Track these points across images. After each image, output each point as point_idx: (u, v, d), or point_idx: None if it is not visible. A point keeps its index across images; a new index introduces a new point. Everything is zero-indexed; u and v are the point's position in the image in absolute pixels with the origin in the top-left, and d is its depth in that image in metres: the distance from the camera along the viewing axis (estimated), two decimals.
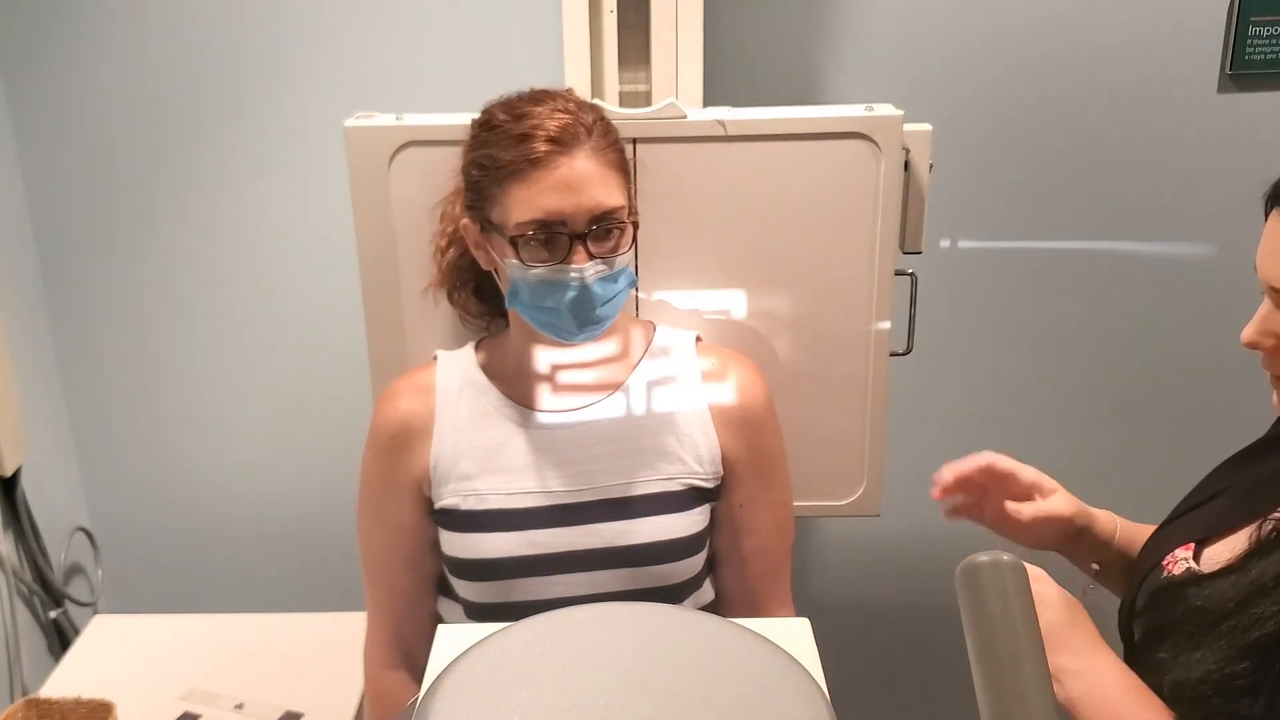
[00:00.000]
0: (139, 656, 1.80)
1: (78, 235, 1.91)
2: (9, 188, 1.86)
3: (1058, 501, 1.21)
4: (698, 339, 1.38)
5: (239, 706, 1.68)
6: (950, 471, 1.24)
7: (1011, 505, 1.22)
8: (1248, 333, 0.99)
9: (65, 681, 1.73)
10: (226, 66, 1.81)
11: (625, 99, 1.53)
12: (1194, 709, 0.93)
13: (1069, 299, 1.93)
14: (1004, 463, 1.23)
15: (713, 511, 1.35)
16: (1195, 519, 1.10)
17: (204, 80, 1.82)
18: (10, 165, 1.86)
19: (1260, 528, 0.97)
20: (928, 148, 1.44)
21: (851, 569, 2.11)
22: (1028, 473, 1.23)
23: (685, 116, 1.40)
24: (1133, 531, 1.23)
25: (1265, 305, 0.97)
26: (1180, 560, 1.06)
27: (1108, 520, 1.24)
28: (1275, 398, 1.00)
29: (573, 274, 1.19)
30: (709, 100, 1.53)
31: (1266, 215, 0.98)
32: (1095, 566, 1.23)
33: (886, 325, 1.47)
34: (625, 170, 1.26)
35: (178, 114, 1.84)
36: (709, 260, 1.45)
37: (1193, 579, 1.01)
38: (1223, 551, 1.02)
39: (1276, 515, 0.97)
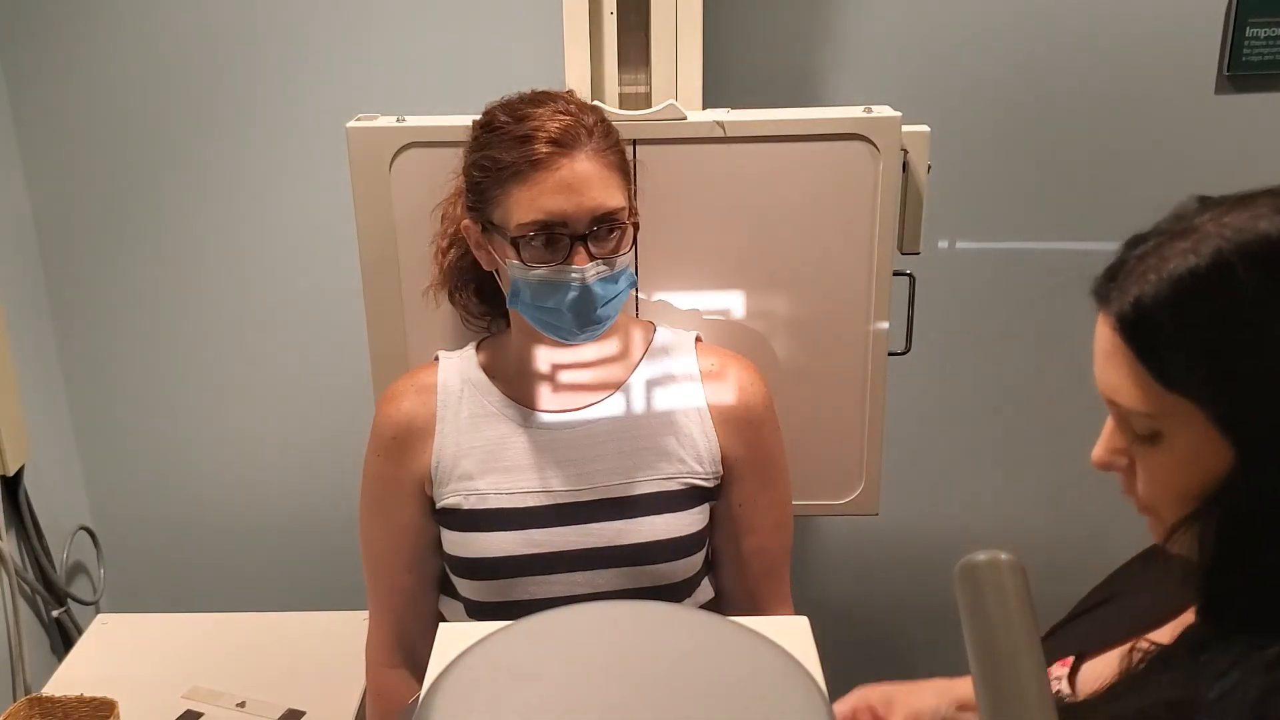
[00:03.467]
0: (141, 655, 1.80)
1: (80, 235, 1.92)
2: (11, 187, 1.87)
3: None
4: (698, 339, 1.38)
5: (241, 705, 1.68)
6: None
7: None
8: (1097, 453, 0.88)
9: (68, 680, 1.74)
10: (229, 68, 1.82)
11: (625, 100, 1.53)
12: None
13: (1066, 299, 1.93)
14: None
15: (712, 511, 1.35)
16: (1082, 628, 1.03)
17: (206, 82, 1.83)
18: (13, 165, 1.87)
19: (1131, 654, 0.88)
20: (926, 149, 1.44)
21: (850, 568, 2.12)
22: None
23: (685, 118, 1.40)
24: None
25: (1110, 421, 0.87)
26: (1053, 679, 0.97)
27: None
28: (1149, 523, 0.88)
29: (574, 274, 1.20)
30: (709, 101, 1.54)
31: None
32: None
33: (885, 325, 1.48)
34: (626, 171, 1.26)
35: (180, 115, 1.84)
36: (709, 261, 1.46)
37: (1060, 707, 0.88)
38: (1100, 670, 0.95)
39: (1146, 644, 0.89)
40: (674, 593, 1.32)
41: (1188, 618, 0.92)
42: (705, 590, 1.38)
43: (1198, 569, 0.81)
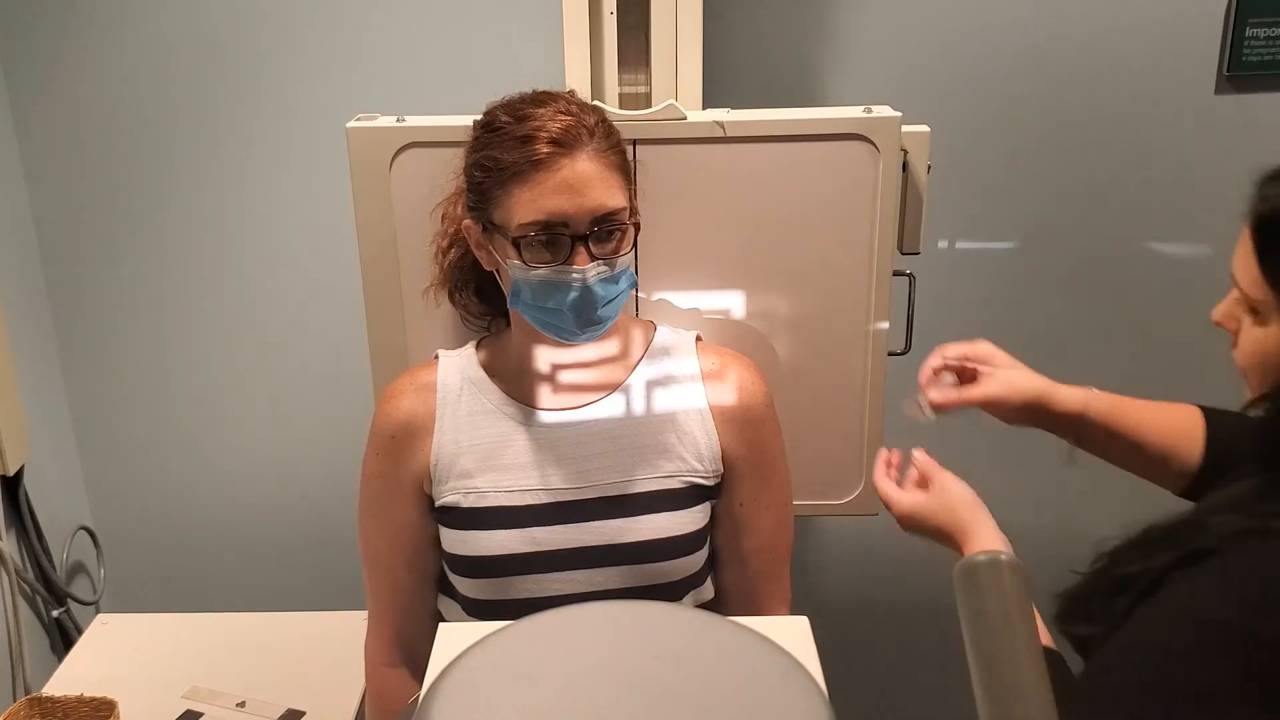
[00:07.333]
0: (141, 655, 1.80)
1: (80, 234, 1.92)
2: (12, 187, 1.87)
3: (989, 386, 1.29)
4: (698, 339, 1.39)
5: (241, 705, 1.68)
6: (924, 372, 1.33)
7: (944, 396, 1.31)
8: (1215, 312, 1.04)
9: (68, 680, 1.74)
10: (229, 68, 1.82)
11: (625, 100, 1.53)
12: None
13: (1066, 299, 1.94)
14: (952, 350, 1.32)
15: (713, 510, 1.35)
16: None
17: (206, 82, 1.83)
18: (13, 164, 1.87)
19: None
20: (926, 149, 1.44)
21: (850, 568, 2.12)
22: (978, 353, 1.31)
23: (685, 118, 1.40)
24: (1117, 408, 1.28)
25: (1234, 293, 1.03)
26: None
27: (1072, 400, 1.28)
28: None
29: (574, 275, 1.20)
30: (709, 101, 1.54)
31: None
32: (1069, 446, 1.32)
33: (885, 325, 1.48)
34: (626, 171, 1.26)
35: (180, 115, 1.84)
36: (709, 260, 1.46)
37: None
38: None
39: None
40: (674, 591, 1.32)
41: None
42: (705, 589, 1.38)
43: (1267, 438, 0.97)
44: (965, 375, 1.33)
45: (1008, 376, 1.30)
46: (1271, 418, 0.97)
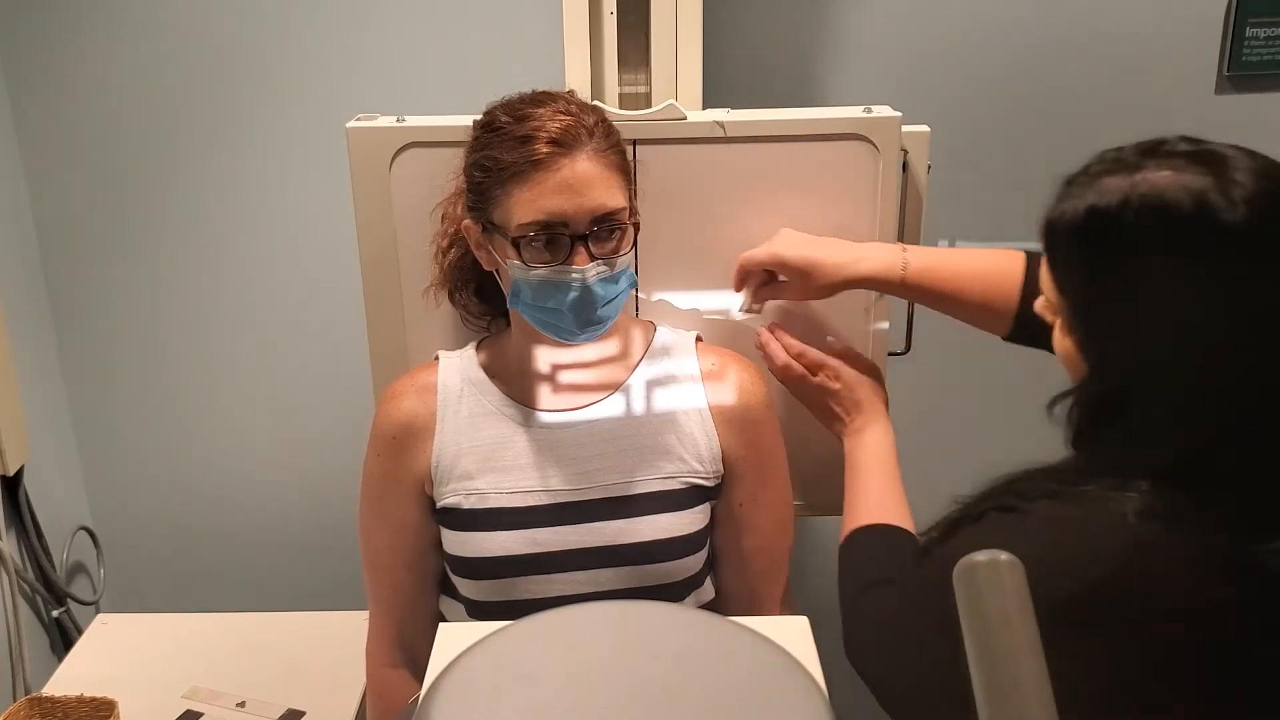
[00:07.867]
0: (141, 655, 1.80)
1: (81, 235, 1.92)
2: (12, 187, 1.87)
3: (790, 289, 1.36)
4: (698, 339, 1.39)
5: (241, 705, 1.68)
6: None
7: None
8: (1037, 304, 1.07)
9: (68, 680, 1.74)
10: (230, 68, 1.82)
11: (625, 100, 1.53)
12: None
13: None
14: (750, 262, 1.36)
15: (713, 510, 1.35)
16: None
17: (206, 82, 1.83)
18: (13, 164, 1.87)
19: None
20: (926, 149, 1.44)
21: None
22: (774, 262, 1.35)
23: (685, 118, 1.40)
24: (933, 267, 1.31)
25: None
26: None
27: (885, 269, 1.31)
28: None
29: (574, 275, 1.20)
30: (709, 101, 1.54)
31: None
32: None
33: (885, 325, 1.48)
34: (626, 171, 1.26)
35: (180, 115, 1.84)
36: (709, 260, 1.46)
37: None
38: None
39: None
40: (674, 592, 1.32)
41: None
42: (706, 590, 1.38)
43: (1070, 425, 1.04)
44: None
45: (809, 275, 1.33)
46: (1073, 410, 1.03)
